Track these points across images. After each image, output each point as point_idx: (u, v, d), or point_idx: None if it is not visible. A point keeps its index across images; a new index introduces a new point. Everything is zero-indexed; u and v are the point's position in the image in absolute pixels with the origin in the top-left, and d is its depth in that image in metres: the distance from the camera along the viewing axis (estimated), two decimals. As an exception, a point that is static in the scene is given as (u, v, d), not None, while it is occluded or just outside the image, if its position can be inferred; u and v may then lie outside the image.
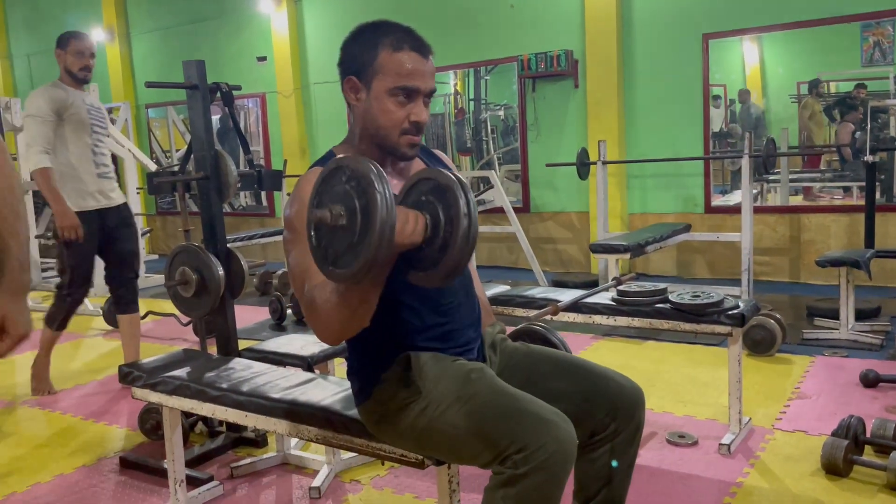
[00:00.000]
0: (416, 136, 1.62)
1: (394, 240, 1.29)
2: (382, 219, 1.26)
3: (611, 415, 1.65)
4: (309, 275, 1.50)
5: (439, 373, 1.61)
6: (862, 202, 5.82)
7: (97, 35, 9.16)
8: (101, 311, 5.20)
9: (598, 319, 2.90)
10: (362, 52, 1.60)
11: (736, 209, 5.72)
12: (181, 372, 2.28)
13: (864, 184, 6.00)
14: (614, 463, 1.67)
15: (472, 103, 7.11)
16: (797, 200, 6.30)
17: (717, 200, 6.09)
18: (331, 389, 1.98)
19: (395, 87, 1.57)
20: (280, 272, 6.14)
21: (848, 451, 2.42)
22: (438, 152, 1.87)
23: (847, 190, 6.48)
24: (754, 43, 6.55)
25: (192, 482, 2.55)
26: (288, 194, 7.29)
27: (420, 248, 1.37)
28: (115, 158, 8.70)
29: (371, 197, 1.27)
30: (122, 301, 3.84)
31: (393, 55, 1.58)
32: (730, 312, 2.62)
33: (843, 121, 6.39)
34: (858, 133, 6.34)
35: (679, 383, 3.46)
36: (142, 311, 5.15)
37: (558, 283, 5.88)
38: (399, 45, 1.58)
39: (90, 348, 4.81)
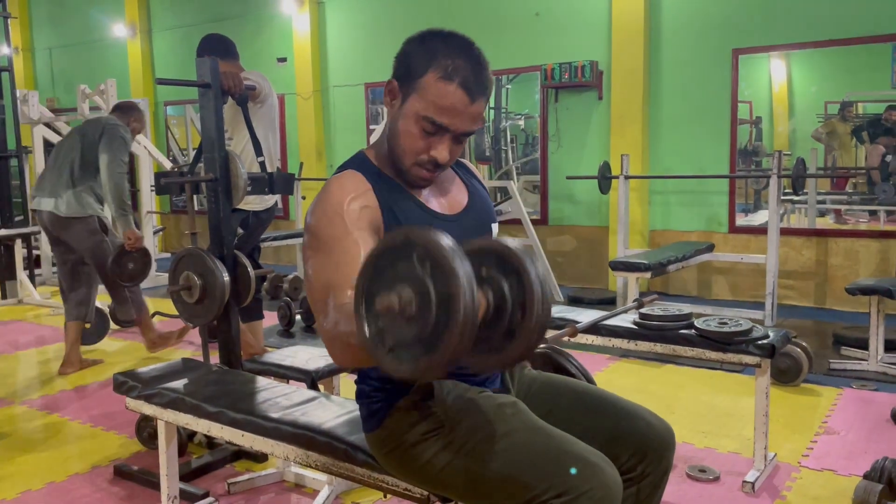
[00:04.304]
0: (430, 173, 1.46)
1: (473, 338, 1.06)
2: (466, 318, 1.03)
3: (638, 456, 1.50)
4: (334, 291, 1.34)
5: (466, 405, 1.47)
6: (891, 227, 5.65)
7: (118, 31, 9.16)
8: (107, 309, 5.10)
9: (619, 343, 2.77)
10: (414, 60, 1.42)
11: (761, 230, 5.56)
12: (178, 384, 2.16)
13: (891, 208, 5.83)
14: None
15: (492, 112, 6.99)
16: (822, 222, 6.12)
17: (740, 220, 5.92)
18: (334, 411, 1.86)
19: (426, 117, 1.40)
20: (291, 276, 6.04)
21: (882, 497, 2.27)
22: (467, 163, 1.72)
23: (874, 213, 6.29)
24: (782, 60, 6.39)
25: (187, 497, 2.43)
26: (303, 197, 7.25)
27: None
28: (131, 156, 8.71)
29: (454, 293, 1.03)
30: None
31: (438, 82, 1.38)
32: (759, 342, 2.47)
33: (875, 143, 6.21)
34: (890, 157, 6.16)
35: (699, 412, 3.31)
36: (150, 311, 5.09)
37: (574, 299, 5.74)
38: (450, 75, 1.38)
39: (96, 347, 4.70)
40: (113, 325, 5.05)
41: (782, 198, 5.15)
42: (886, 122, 6.52)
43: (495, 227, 1.65)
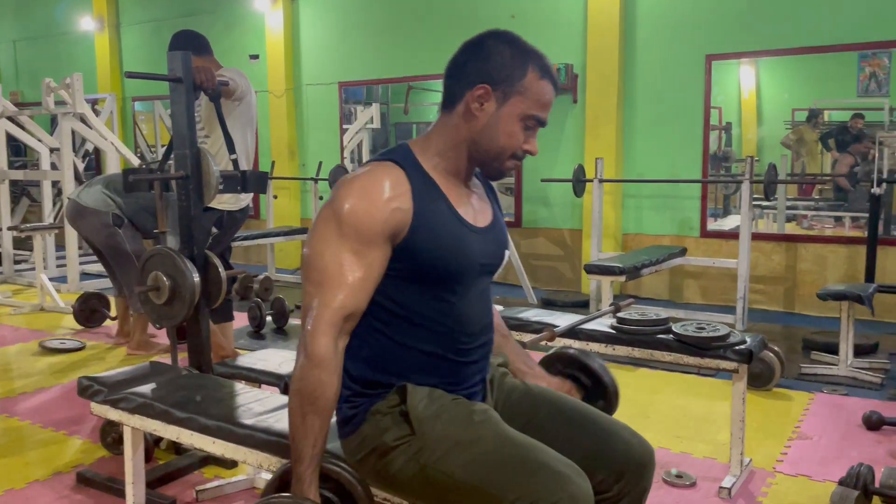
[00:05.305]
0: (519, 163, 1.55)
1: None
2: None
3: (615, 476, 1.47)
4: (324, 292, 1.39)
5: (437, 412, 1.44)
6: (855, 233, 5.75)
7: (86, 24, 8.96)
8: (71, 309, 4.97)
9: (596, 347, 2.74)
10: (508, 65, 1.46)
11: (732, 234, 5.60)
12: (146, 388, 2.09)
13: (856, 214, 5.94)
14: None
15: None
16: (791, 228, 6.20)
17: (711, 225, 5.97)
18: (308, 417, 1.80)
19: (531, 115, 1.47)
20: (262, 277, 5.94)
21: (858, 503, 2.27)
22: (495, 186, 1.72)
23: (839, 220, 6.40)
24: (751, 67, 6.46)
25: (154, 505, 2.36)
26: (275, 196, 7.15)
27: None
28: (97, 152, 8.52)
29: None
30: None
31: (540, 81, 1.47)
32: (736, 348, 2.47)
33: (846, 151, 6.32)
34: (857, 166, 6.27)
35: (674, 416, 3.31)
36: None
37: (548, 302, 5.73)
38: (544, 73, 1.48)
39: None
40: (76, 326, 4.93)
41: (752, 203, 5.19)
42: (852, 129, 6.64)
43: (507, 254, 1.65)
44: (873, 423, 3.10)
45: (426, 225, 1.43)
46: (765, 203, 6.04)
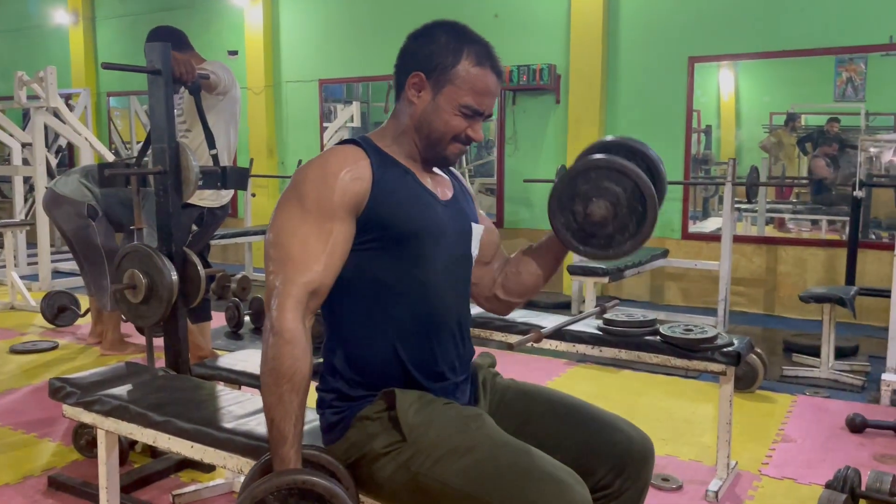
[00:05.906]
0: (464, 146, 1.52)
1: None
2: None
3: (615, 471, 1.44)
4: (288, 270, 1.35)
5: (429, 417, 1.39)
6: (832, 236, 5.79)
7: (60, 17, 8.78)
8: (40, 308, 4.84)
9: (583, 348, 2.71)
10: (441, 52, 1.46)
11: (713, 237, 5.61)
12: (121, 390, 2.01)
13: (834, 217, 5.98)
14: None
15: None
16: (769, 231, 6.23)
17: (691, 227, 5.98)
18: (292, 421, 1.74)
19: (465, 106, 1.45)
20: (239, 276, 5.83)
21: (845, 507, 2.26)
22: (457, 172, 1.69)
23: (816, 223, 6.45)
24: (731, 71, 6.49)
25: (128, 511, 2.28)
26: (253, 195, 7.04)
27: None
28: (70, 147, 8.34)
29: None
30: None
31: (473, 69, 1.45)
32: (724, 350, 2.45)
33: (815, 155, 6.36)
34: (830, 166, 6.32)
35: (659, 418, 3.28)
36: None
37: (529, 303, 5.69)
38: (481, 61, 1.46)
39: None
40: (48, 325, 4.81)
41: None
42: (829, 133, 6.70)
43: (476, 227, 1.60)
44: (857, 426, 3.09)
45: (387, 190, 1.43)
46: (744, 206, 6.07)
